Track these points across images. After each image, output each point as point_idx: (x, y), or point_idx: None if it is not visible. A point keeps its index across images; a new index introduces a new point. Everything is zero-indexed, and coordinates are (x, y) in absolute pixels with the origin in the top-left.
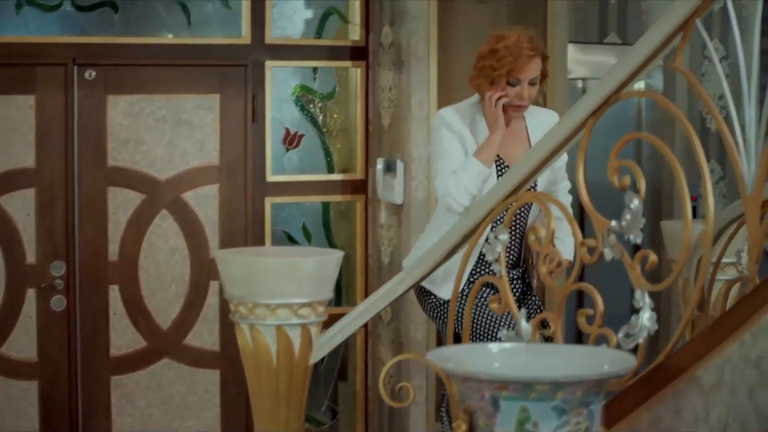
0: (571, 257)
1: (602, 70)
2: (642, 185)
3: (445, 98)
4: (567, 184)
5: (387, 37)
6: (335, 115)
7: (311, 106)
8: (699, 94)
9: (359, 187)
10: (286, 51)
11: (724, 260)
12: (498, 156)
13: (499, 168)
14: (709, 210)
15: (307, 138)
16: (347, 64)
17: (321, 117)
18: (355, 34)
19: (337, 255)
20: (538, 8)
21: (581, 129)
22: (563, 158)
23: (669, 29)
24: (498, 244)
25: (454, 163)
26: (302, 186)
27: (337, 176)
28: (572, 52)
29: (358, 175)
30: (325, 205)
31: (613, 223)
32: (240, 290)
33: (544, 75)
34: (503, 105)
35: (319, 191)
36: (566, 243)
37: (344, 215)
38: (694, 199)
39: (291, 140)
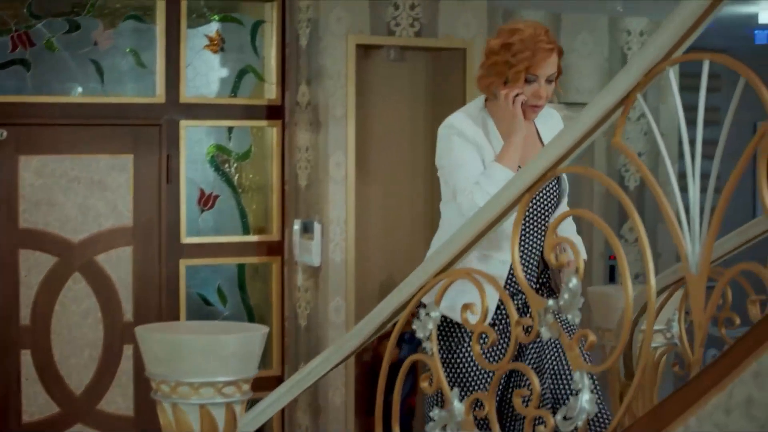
0: (584, 255)
1: None
2: (581, 264)
3: (364, 159)
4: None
5: (304, 95)
6: (251, 175)
7: (226, 166)
8: (645, 175)
9: (275, 249)
10: (201, 110)
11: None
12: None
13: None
14: (651, 289)
15: (222, 198)
16: (263, 123)
17: (236, 177)
18: (271, 92)
19: (262, 331)
20: (458, 66)
21: (516, 204)
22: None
23: (610, 103)
24: (429, 321)
25: (472, 173)
26: (217, 247)
27: (252, 237)
28: None
29: (274, 236)
30: (241, 267)
31: (551, 301)
32: (162, 368)
33: (559, 73)
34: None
35: (235, 253)
36: (578, 242)
37: (260, 277)
38: (612, 258)
39: (206, 201)
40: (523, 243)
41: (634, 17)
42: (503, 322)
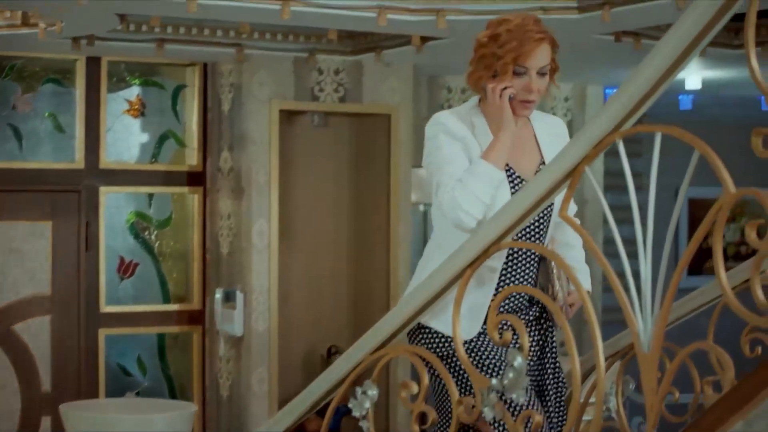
0: (589, 286)
1: None
2: (525, 342)
3: (287, 226)
4: (574, 207)
5: (226, 162)
6: (172, 243)
7: (147, 233)
8: (593, 250)
9: (196, 318)
10: (120, 176)
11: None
12: (508, 166)
13: (511, 181)
14: (600, 368)
15: (142, 266)
16: (184, 189)
17: (157, 244)
18: (192, 158)
19: (191, 410)
20: (382, 132)
21: (458, 279)
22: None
23: (556, 176)
24: (366, 400)
25: (458, 170)
26: (137, 316)
27: (173, 306)
28: (416, 176)
29: (195, 305)
30: (161, 337)
31: (494, 381)
32: None
33: (554, 68)
34: (511, 98)
35: (155, 322)
36: (582, 271)
37: (181, 347)
38: None
39: (126, 269)
40: (512, 266)
41: (560, 82)
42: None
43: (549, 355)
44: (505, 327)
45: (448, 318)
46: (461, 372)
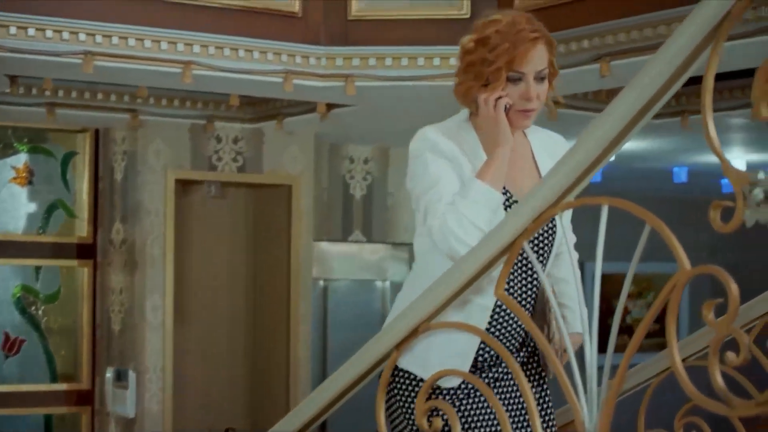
0: (580, 329)
1: (347, 267)
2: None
3: (182, 302)
4: (573, 238)
5: (118, 233)
6: (60, 319)
7: (33, 308)
8: (531, 328)
9: (85, 398)
10: (6, 248)
11: None
12: (504, 188)
13: (508, 205)
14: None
15: (28, 343)
16: (73, 262)
17: (44, 320)
18: (82, 229)
19: None
20: (283, 204)
21: (388, 357)
22: (568, 214)
23: (492, 251)
24: None
25: (449, 193)
26: (22, 397)
27: (60, 386)
28: (318, 250)
29: (84, 384)
30: (48, 418)
31: None
32: None
33: (553, 72)
34: (507, 109)
35: (42, 402)
36: (576, 311)
37: (69, 429)
38: None
39: (11, 346)
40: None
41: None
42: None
43: (541, 404)
44: (437, 413)
45: (429, 360)
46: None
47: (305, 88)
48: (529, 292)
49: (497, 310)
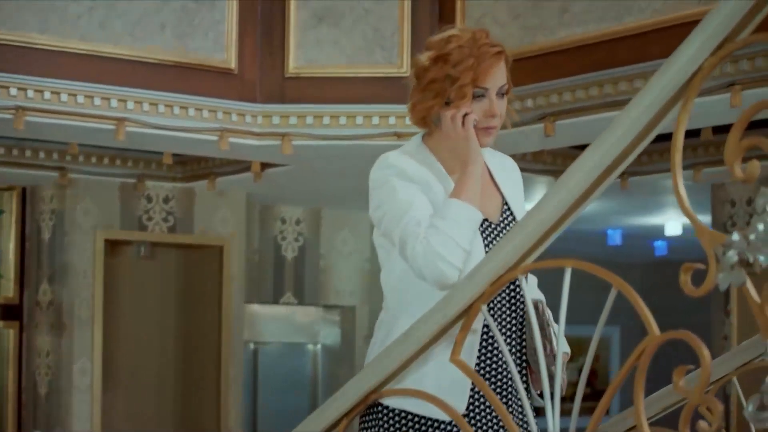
0: (568, 349)
1: (278, 330)
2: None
3: (111, 365)
4: (534, 278)
5: (45, 294)
6: None
7: None
8: (487, 394)
9: None
10: None
11: None
12: None
13: (481, 229)
14: None
15: None
16: None
17: None
18: (8, 290)
19: None
20: (214, 265)
21: (337, 426)
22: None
23: (448, 315)
24: None
25: (425, 216)
26: None
27: None
28: (249, 312)
29: None
30: None
31: None
32: None
33: (509, 88)
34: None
35: None
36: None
37: None
38: None
39: None
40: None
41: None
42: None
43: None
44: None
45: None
46: None
47: (241, 147)
48: (516, 313)
49: (486, 334)
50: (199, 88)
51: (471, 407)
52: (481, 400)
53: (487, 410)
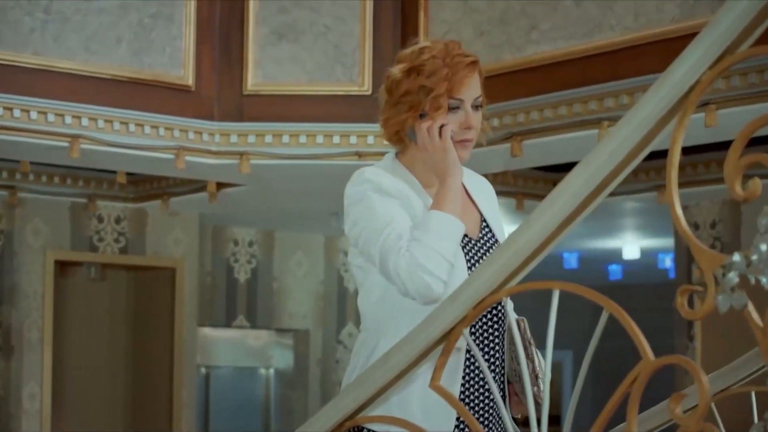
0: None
1: (230, 354)
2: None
3: (61, 390)
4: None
5: None
6: None
7: None
8: (469, 420)
9: None
10: None
11: None
12: None
13: (462, 244)
14: None
15: None
16: None
17: None
18: None
19: None
20: (166, 287)
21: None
22: None
23: (429, 339)
24: None
25: (406, 229)
26: None
27: None
28: (202, 336)
29: None
30: None
31: None
32: None
33: (483, 100)
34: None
35: None
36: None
37: None
38: None
39: None
40: (477, 344)
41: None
42: None
43: None
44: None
45: (413, 414)
46: None
47: (197, 166)
48: (499, 330)
49: (467, 356)
50: (156, 104)
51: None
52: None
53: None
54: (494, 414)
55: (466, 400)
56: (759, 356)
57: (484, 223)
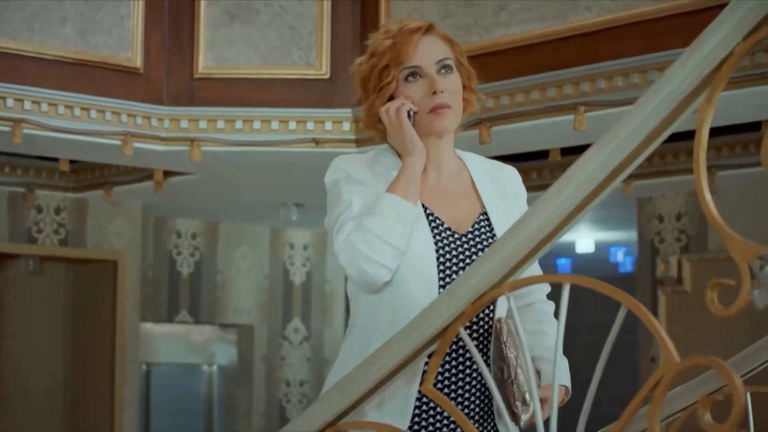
0: (567, 382)
1: (172, 350)
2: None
3: None
4: (546, 287)
5: None
6: None
7: None
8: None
9: None
10: None
11: None
12: (432, 213)
13: (437, 232)
14: None
15: None
16: None
17: None
18: None
19: None
20: (107, 281)
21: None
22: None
23: (423, 337)
24: None
25: (360, 214)
26: None
27: None
28: (144, 331)
29: None
30: None
31: None
32: None
33: (467, 74)
34: (412, 115)
35: None
36: (547, 360)
37: None
38: None
39: None
40: (454, 349)
41: (299, 229)
42: None
43: None
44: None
45: (367, 413)
46: None
47: (145, 153)
48: (481, 335)
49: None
50: (102, 88)
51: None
52: (430, 420)
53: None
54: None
55: None
56: (757, 353)
57: (484, 217)
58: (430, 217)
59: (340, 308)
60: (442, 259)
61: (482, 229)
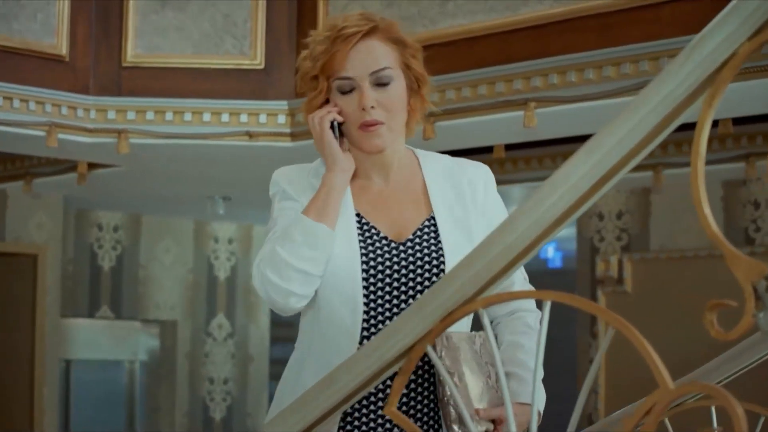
0: (541, 405)
1: (93, 346)
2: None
3: None
4: (522, 276)
5: None
6: None
7: None
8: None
9: None
10: None
11: None
12: (368, 223)
13: (370, 243)
14: None
15: None
16: None
17: None
18: None
19: None
20: (27, 276)
21: None
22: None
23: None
24: None
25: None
26: None
27: None
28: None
29: None
30: None
31: None
32: None
33: (415, 76)
34: (338, 127)
35: None
36: (525, 381)
37: None
38: None
39: None
40: None
41: (224, 223)
42: None
43: None
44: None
45: None
46: None
47: (71, 144)
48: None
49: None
50: (25, 76)
51: None
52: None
53: None
54: None
55: None
56: (718, 370)
57: (429, 223)
58: (365, 227)
59: (266, 304)
60: (372, 271)
61: (426, 236)
